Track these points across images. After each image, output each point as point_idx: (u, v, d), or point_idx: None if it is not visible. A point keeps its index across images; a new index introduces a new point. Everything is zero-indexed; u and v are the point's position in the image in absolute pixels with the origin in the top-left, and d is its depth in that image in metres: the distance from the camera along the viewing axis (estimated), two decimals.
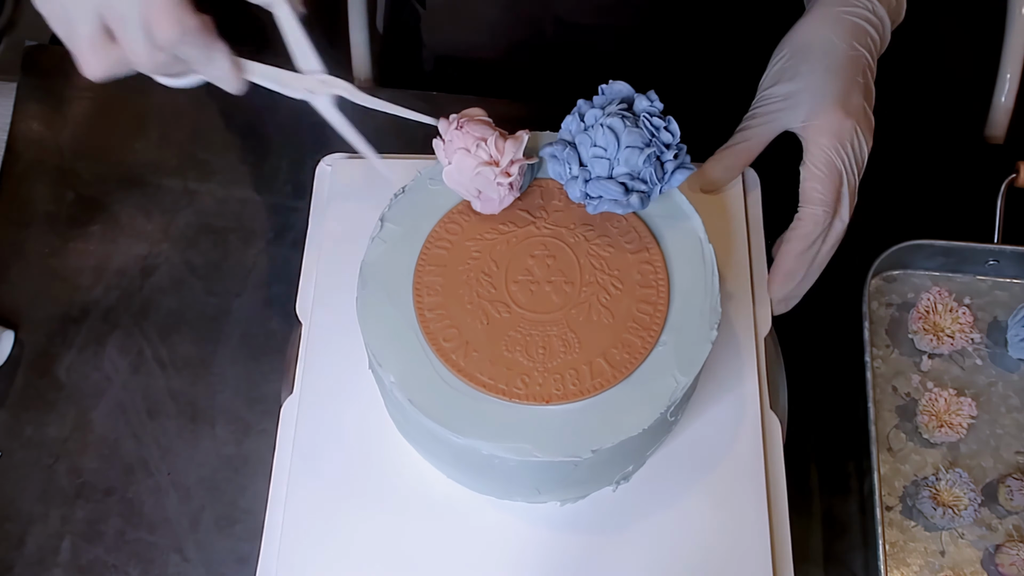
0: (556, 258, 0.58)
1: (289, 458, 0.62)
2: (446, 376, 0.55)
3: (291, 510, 0.61)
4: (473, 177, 0.57)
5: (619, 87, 0.59)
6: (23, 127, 0.89)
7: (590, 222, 0.60)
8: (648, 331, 0.56)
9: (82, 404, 0.78)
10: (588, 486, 0.60)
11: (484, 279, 0.58)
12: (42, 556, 0.73)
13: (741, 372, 0.64)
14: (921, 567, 0.70)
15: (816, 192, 0.64)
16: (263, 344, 0.80)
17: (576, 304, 0.57)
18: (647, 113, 0.57)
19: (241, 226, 0.85)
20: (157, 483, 0.75)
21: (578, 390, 0.54)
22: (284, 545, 0.60)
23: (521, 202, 0.60)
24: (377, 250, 0.59)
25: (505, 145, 0.57)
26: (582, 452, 0.53)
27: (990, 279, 0.80)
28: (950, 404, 0.72)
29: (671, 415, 0.56)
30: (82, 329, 0.81)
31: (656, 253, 0.59)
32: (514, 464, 0.54)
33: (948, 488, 0.70)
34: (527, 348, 0.56)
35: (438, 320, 0.57)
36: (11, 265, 0.83)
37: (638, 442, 0.55)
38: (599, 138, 0.57)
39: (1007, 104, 0.92)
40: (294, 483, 0.61)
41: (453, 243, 0.59)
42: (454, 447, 0.55)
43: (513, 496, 0.60)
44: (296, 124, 0.89)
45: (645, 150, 0.56)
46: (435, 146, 0.58)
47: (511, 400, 0.55)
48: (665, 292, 0.57)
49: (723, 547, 0.60)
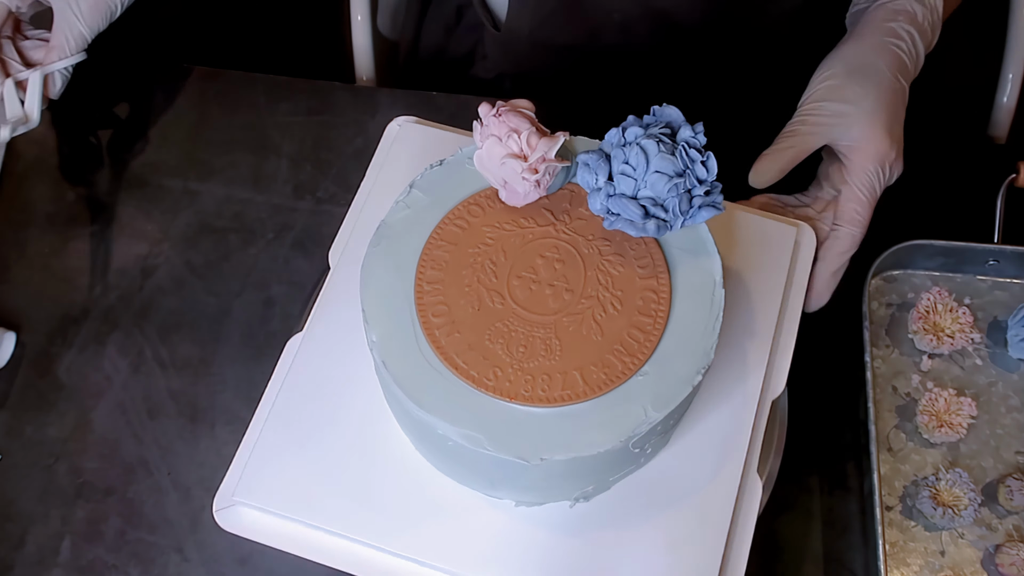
0: (565, 263, 0.58)
1: (279, 389, 0.63)
2: (424, 349, 0.56)
3: (267, 434, 0.61)
4: (500, 166, 0.57)
5: (670, 112, 0.58)
6: None
7: (609, 238, 0.59)
8: (633, 357, 0.56)
9: (82, 404, 0.78)
10: (543, 494, 0.59)
11: (489, 267, 0.58)
12: (42, 556, 0.73)
13: (738, 428, 0.62)
14: (921, 567, 0.70)
15: (857, 214, 0.67)
16: (263, 344, 0.80)
17: (570, 313, 0.57)
18: (686, 143, 0.56)
19: (241, 226, 0.85)
20: (157, 483, 0.75)
21: (546, 396, 0.54)
22: (250, 466, 0.60)
23: (548, 201, 0.60)
24: (399, 213, 0.60)
25: (539, 142, 0.57)
26: (531, 457, 0.53)
27: (990, 279, 0.79)
28: (950, 404, 0.72)
29: (634, 446, 0.55)
30: (82, 329, 0.81)
31: (664, 283, 0.58)
32: (467, 451, 0.54)
33: (948, 488, 0.70)
34: (508, 343, 0.56)
35: (433, 294, 0.57)
36: (11, 265, 0.83)
37: (594, 464, 0.55)
38: (631, 156, 0.56)
39: (1009, 104, 0.92)
40: (276, 413, 0.62)
41: (471, 225, 0.60)
42: (415, 419, 0.55)
43: (469, 484, 0.60)
44: (296, 124, 0.89)
45: (673, 179, 0.56)
46: (474, 127, 0.58)
47: (478, 388, 0.55)
48: (661, 324, 0.57)
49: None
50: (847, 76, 0.68)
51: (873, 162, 0.67)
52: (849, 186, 0.67)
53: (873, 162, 0.67)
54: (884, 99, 0.68)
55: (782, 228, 0.68)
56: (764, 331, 0.64)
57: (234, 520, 0.60)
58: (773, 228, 0.68)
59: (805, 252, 0.68)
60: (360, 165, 0.87)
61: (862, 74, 0.68)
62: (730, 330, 0.63)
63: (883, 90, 0.68)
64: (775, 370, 0.64)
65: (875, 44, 0.70)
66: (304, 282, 0.82)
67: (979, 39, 0.73)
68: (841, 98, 0.68)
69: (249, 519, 0.61)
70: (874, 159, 0.67)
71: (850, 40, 0.71)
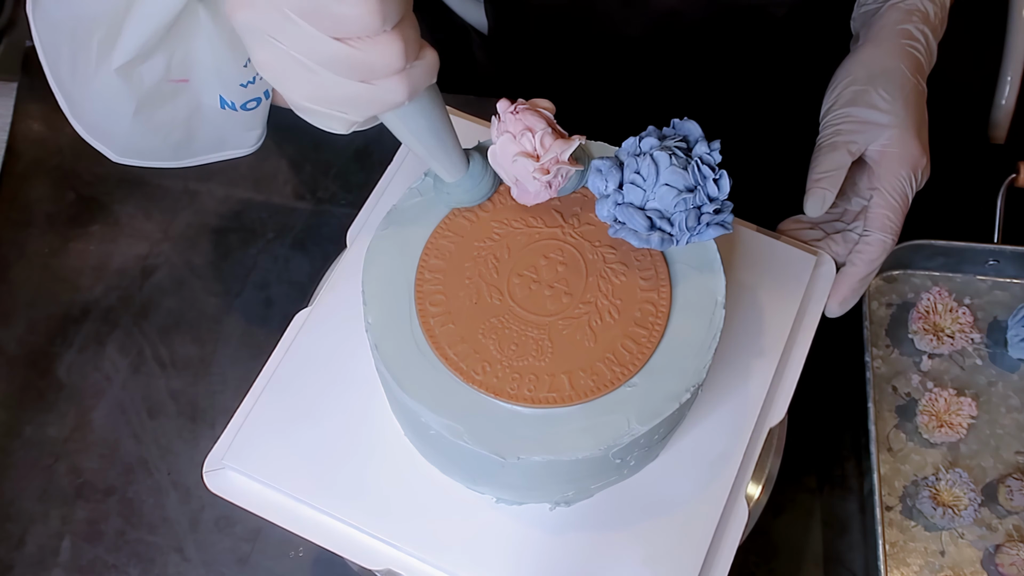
0: (567, 267, 0.58)
1: (280, 359, 0.63)
2: (417, 337, 0.56)
3: (263, 403, 0.61)
4: (511, 164, 0.57)
5: (689, 126, 0.58)
6: (23, 127, 0.89)
7: (615, 246, 0.59)
8: (623, 368, 0.55)
9: (82, 404, 0.78)
10: (522, 493, 0.59)
11: (492, 262, 0.58)
12: (42, 556, 0.73)
13: (731, 450, 0.61)
14: (921, 567, 0.70)
15: (888, 220, 0.65)
16: (263, 344, 0.80)
17: (566, 317, 0.57)
18: (700, 159, 0.56)
19: (241, 226, 0.85)
20: (157, 483, 0.75)
21: (531, 397, 0.54)
22: (243, 432, 0.61)
23: (559, 203, 0.60)
24: (411, 199, 0.60)
25: (553, 143, 0.56)
26: (509, 455, 0.53)
27: (990, 279, 0.80)
28: (950, 404, 0.72)
29: (615, 456, 0.55)
30: (82, 329, 0.81)
31: (665, 297, 0.57)
32: (448, 442, 0.54)
33: (948, 488, 0.70)
34: (501, 340, 0.56)
35: (433, 283, 0.57)
36: (11, 265, 0.83)
37: (573, 469, 0.55)
38: (642, 167, 0.56)
39: (1008, 105, 0.92)
40: (275, 383, 0.62)
41: (479, 219, 0.59)
42: (402, 403, 0.55)
43: (452, 475, 0.60)
44: (296, 124, 0.89)
45: (683, 193, 0.55)
46: (492, 122, 0.58)
47: (465, 381, 0.55)
48: (656, 337, 0.56)
49: None
50: (870, 81, 0.67)
51: (905, 167, 0.66)
52: (880, 192, 0.66)
53: (905, 167, 0.66)
54: (911, 103, 0.67)
55: (802, 256, 0.67)
56: (771, 356, 0.63)
57: (222, 484, 0.60)
58: (793, 255, 0.67)
59: (823, 283, 0.67)
60: (360, 165, 0.87)
61: (885, 79, 0.67)
62: (736, 350, 0.63)
63: (908, 93, 0.67)
64: (777, 396, 0.63)
65: (893, 48, 0.69)
66: (304, 282, 0.82)
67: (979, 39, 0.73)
68: (868, 103, 0.67)
69: (236, 484, 0.61)
70: (906, 164, 0.66)
71: (867, 44, 0.70)
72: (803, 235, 0.69)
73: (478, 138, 0.61)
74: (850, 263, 0.66)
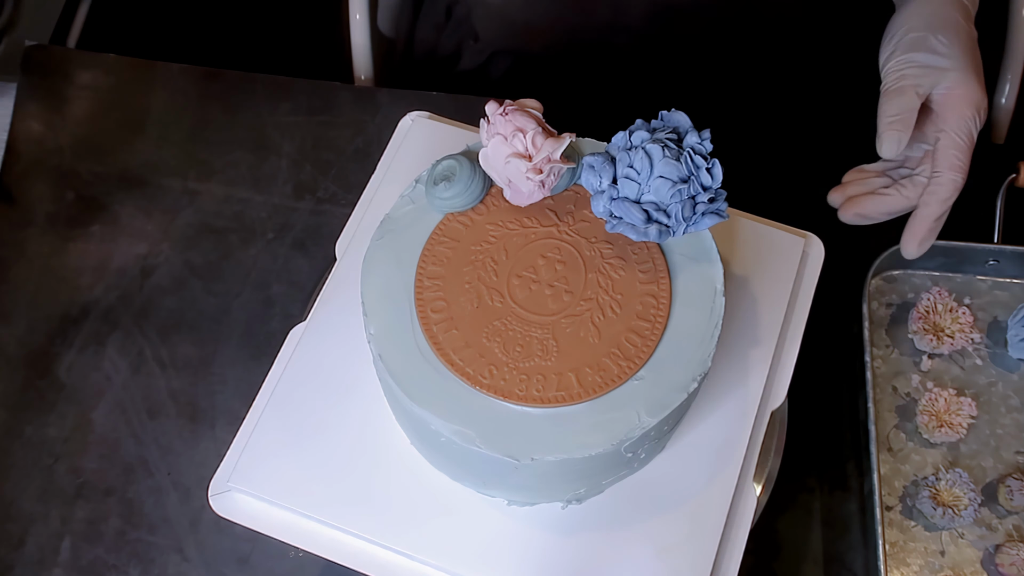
0: (566, 265, 0.58)
1: (279, 377, 0.63)
2: (421, 344, 0.56)
3: (265, 422, 0.62)
4: (504, 165, 0.57)
5: (678, 117, 0.58)
6: (23, 127, 0.89)
7: (611, 241, 0.59)
8: (629, 362, 0.55)
9: (82, 404, 0.78)
10: (535, 494, 0.59)
11: (490, 265, 0.58)
12: (42, 556, 0.73)
13: (736, 436, 0.61)
14: (921, 567, 0.70)
15: (957, 159, 0.67)
16: (263, 344, 0.80)
17: (568, 315, 0.57)
18: (692, 149, 0.56)
19: (241, 226, 0.85)
20: (157, 483, 0.75)
21: (540, 397, 0.54)
22: (247, 453, 0.61)
23: (552, 202, 0.60)
24: (403, 208, 0.60)
25: (544, 143, 0.57)
26: (522, 456, 0.53)
27: (990, 279, 0.80)
28: (950, 404, 0.72)
29: (627, 451, 0.55)
30: (82, 329, 0.81)
31: (665, 289, 0.58)
32: (459, 448, 0.54)
33: (948, 488, 0.70)
34: (505, 342, 0.56)
35: (433, 290, 0.57)
36: (11, 265, 0.83)
37: (586, 466, 0.55)
38: (636, 160, 0.56)
39: (1008, 105, 0.92)
40: (275, 401, 0.62)
41: (474, 222, 0.60)
42: (409, 413, 0.55)
43: (462, 480, 0.60)
44: (296, 124, 0.89)
45: (677, 184, 0.55)
46: (480, 125, 0.58)
47: (472, 386, 0.55)
48: (660, 329, 0.56)
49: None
50: (928, 28, 0.69)
51: (970, 108, 0.67)
52: (947, 133, 0.67)
53: (970, 108, 0.67)
54: (969, 46, 0.69)
55: (791, 239, 0.67)
56: (767, 340, 0.64)
57: (229, 506, 0.60)
58: (781, 238, 0.68)
59: (812, 264, 0.67)
60: (360, 165, 0.87)
61: (942, 24, 0.69)
62: (733, 338, 0.63)
63: (964, 38, 0.69)
64: (776, 380, 0.64)
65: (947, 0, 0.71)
66: (304, 282, 0.82)
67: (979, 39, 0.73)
68: (929, 48, 0.68)
69: (244, 506, 0.61)
70: (970, 105, 0.67)
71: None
72: (870, 183, 0.70)
73: (466, 142, 0.61)
74: (923, 204, 0.68)
